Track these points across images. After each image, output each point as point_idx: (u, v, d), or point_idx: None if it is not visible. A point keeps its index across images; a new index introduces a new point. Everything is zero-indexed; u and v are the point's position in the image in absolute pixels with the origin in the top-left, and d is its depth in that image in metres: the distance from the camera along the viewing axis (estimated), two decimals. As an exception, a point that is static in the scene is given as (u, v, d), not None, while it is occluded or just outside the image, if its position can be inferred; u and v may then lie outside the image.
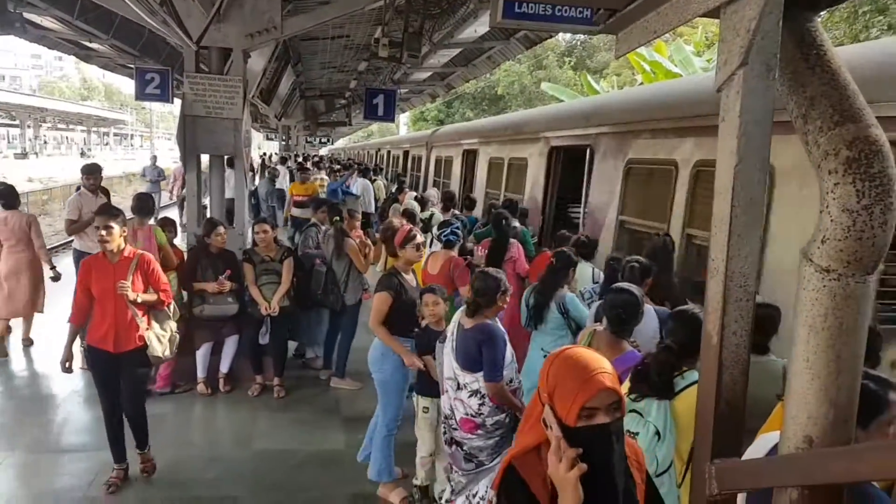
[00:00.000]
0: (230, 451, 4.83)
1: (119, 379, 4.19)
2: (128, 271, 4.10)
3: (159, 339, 4.29)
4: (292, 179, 15.29)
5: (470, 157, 11.64)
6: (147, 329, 4.20)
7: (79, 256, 6.42)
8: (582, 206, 6.75)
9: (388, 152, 24.61)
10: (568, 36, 41.69)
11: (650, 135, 5.47)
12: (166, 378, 5.70)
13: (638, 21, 1.83)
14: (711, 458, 1.54)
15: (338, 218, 6.02)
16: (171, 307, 4.46)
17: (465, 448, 3.43)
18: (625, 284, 3.50)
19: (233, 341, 5.88)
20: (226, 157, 6.97)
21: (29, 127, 51.70)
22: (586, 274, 5.22)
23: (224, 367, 5.86)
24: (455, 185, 12.16)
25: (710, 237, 1.56)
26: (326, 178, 15.41)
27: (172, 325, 4.44)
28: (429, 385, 3.99)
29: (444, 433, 3.63)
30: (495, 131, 10.52)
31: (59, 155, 52.69)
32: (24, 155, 45.72)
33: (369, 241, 6.30)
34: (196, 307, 5.64)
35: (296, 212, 11.47)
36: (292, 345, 6.48)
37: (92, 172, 6.84)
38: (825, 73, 1.45)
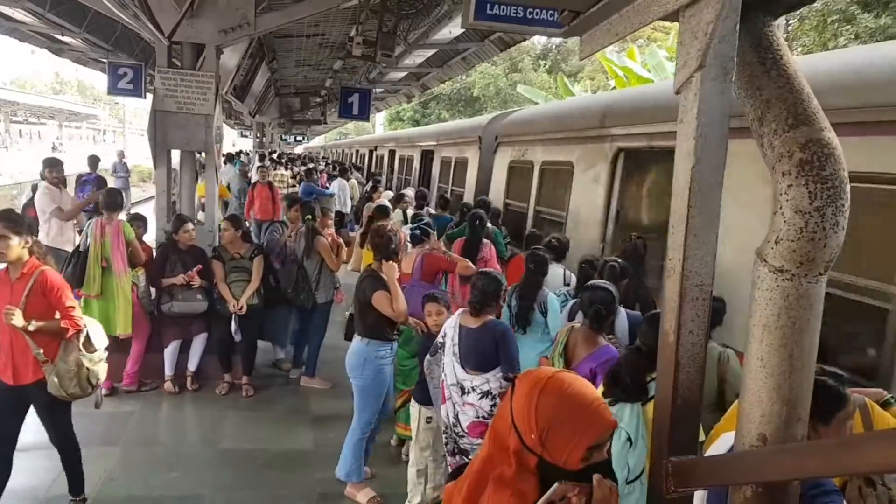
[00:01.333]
0: (197, 450, 4.78)
1: (19, 415, 3.60)
2: (22, 292, 3.38)
3: (61, 375, 3.47)
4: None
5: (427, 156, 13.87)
6: (46, 362, 3.46)
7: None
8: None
9: (371, 151, 23.39)
10: (543, 39, 41.99)
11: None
12: (133, 376, 5.62)
13: (601, 23, 1.85)
14: (668, 455, 1.56)
15: (309, 217, 5.97)
16: (83, 336, 3.61)
17: (471, 456, 3.32)
18: (601, 281, 3.57)
19: (201, 339, 5.81)
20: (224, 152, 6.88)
21: (0, 120, 50.61)
22: (557, 275, 5.24)
23: (192, 365, 5.79)
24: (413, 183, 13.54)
25: (668, 237, 1.58)
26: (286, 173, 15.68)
27: (87, 359, 3.59)
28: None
29: (447, 444, 3.56)
30: (445, 134, 12.70)
31: (30, 148, 51.50)
32: (-8, 147, 44.72)
33: (341, 241, 6.26)
34: (165, 304, 5.57)
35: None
36: (268, 351, 6.43)
37: (54, 165, 6.75)
38: (781, 76, 1.48)
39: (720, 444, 2.03)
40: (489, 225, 6.39)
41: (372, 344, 4.09)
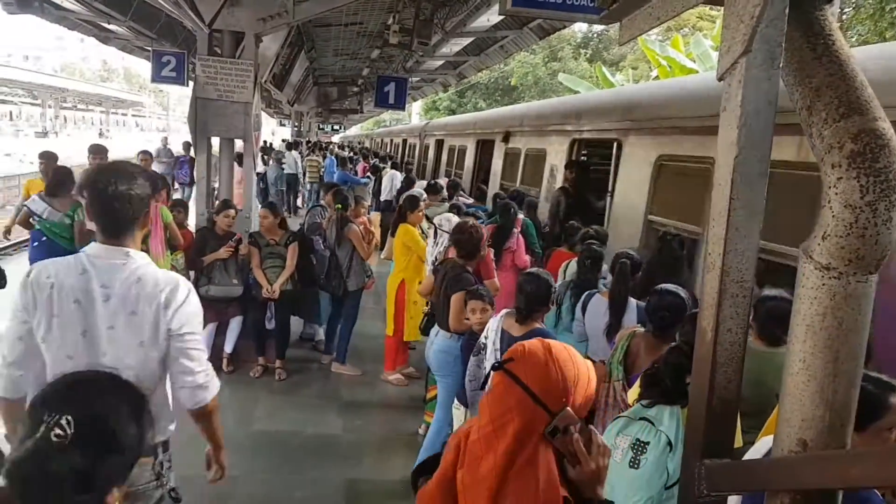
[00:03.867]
0: (230, 431, 4.78)
1: None
2: None
3: None
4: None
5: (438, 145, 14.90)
6: None
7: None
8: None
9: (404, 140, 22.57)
10: (584, 27, 41.40)
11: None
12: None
13: (642, 7, 1.78)
14: (702, 457, 1.50)
15: (340, 205, 5.99)
16: None
17: None
18: (670, 286, 3.29)
19: (237, 322, 5.91)
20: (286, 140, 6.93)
21: (50, 107, 52.16)
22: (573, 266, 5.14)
23: (228, 348, 5.89)
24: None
25: (709, 231, 1.52)
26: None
27: None
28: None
29: None
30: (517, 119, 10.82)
31: (78, 135, 53.05)
32: (44, 134, 46.13)
33: (373, 229, 6.28)
34: (202, 287, 5.65)
35: None
36: (298, 328, 6.50)
37: (98, 152, 6.77)
38: (832, 63, 1.40)
39: (758, 448, 1.95)
40: (521, 216, 6.31)
41: (461, 339, 4.03)
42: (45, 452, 1.04)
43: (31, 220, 5.62)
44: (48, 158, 6.47)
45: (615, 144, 6.19)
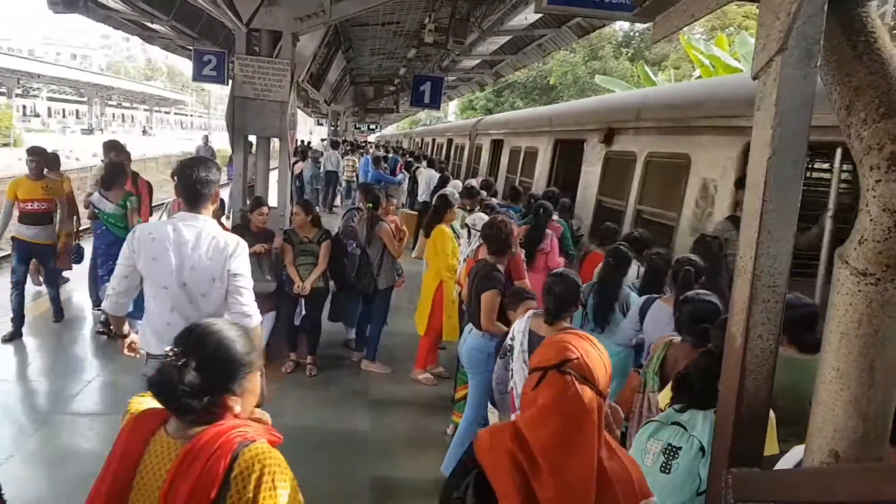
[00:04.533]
0: (260, 425, 4.91)
1: None
2: None
3: None
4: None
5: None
6: None
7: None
8: None
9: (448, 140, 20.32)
10: (626, 26, 40.91)
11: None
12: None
13: (675, 4, 1.74)
14: (729, 465, 1.46)
15: (370, 204, 6.02)
16: None
17: None
18: (702, 292, 3.21)
19: (270, 318, 5.96)
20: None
21: (96, 104, 53.70)
22: (632, 271, 5.07)
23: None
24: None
25: (740, 233, 1.48)
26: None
27: None
28: None
29: None
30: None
31: (122, 132, 54.48)
32: (90, 131, 47.54)
33: (405, 227, 6.30)
34: (235, 284, 5.74)
35: (23, 232, 6.32)
36: (335, 333, 6.55)
37: (38, 154, 6.51)
38: (873, 62, 1.34)
39: (789, 457, 1.89)
40: (556, 218, 6.26)
41: (496, 338, 4.00)
42: (168, 372, 1.54)
43: (95, 212, 6.47)
44: (38, 155, 6.45)
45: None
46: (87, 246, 7.22)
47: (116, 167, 6.51)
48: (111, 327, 5.06)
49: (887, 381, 1.29)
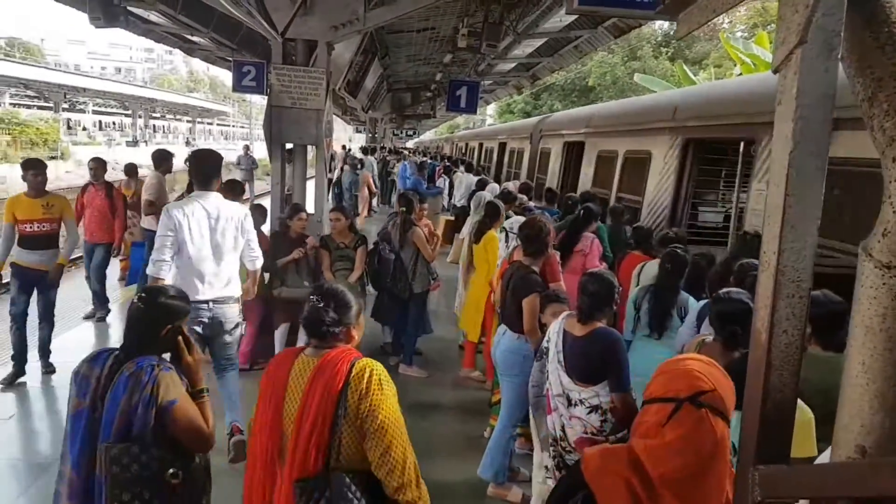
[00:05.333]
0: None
1: None
2: None
3: None
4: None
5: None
6: None
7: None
8: None
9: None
10: (665, 25, 40.33)
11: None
12: (246, 355, 5.95)
13: (697, 0, 1.74)
14: (756, 463, 1.45)
15: (404, 208, 6.08)
16: None
17: None
18: (735, 290, 3.15)
19: (307, 324, 6.06)
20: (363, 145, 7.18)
21: (140, 117, 55.33)
22: (652, 269, 5.00)
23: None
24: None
25: (763, 228, 1.47)
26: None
27: None
28: None
29: (553, 458, 3.31)
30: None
31: (166, 143, 56.06)
32: (134, 143, 48.98)
33: (438, 232, 6.35)
34: (275, 289, 5.88)
35: (23, 257, 5.72)
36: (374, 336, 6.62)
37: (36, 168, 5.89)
38: (896, 52, 1.33)
39: (824, 456, 1.86)
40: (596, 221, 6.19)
41: (531, 340, 4.03)
42: (316, 312, 2.21)
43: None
44: (37, 168, 5.82)
45: None
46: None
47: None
48: None
49: (915, 376, 1.27)
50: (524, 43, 11.50)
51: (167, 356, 2.48)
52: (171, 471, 2.22)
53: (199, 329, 4.12)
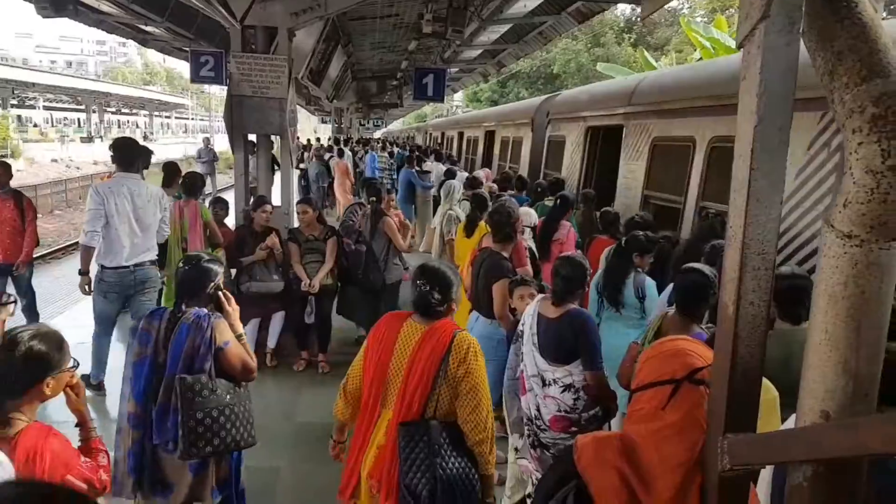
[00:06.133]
0: (275, 423, 4.95)
1: None
2: None
3: None
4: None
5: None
6: None
7: None
8: None
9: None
10: (627, 11, 40.65)
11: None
12: (215, 352, 5.86)
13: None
14: (724, 432, 1.49)
15: (374, 198, 6.03)
16: None
17: (551, 451, 3.23)
18: (695, 265, 3.25)
19: (279, 318, 6.01)
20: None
21: (94, 112, 53.76)
22: None
23: (271, 343, 6.00)
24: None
25: (729, 202, 1.49)
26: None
27: None
28: None
29: (528, 436, 3.40)
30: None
31: (123, 139, 54.43)
32: (89, 139, 47.57)
33: (408, 222, 6.31)
34: (243, 284, 5.78)
35: None
36: (346, 330, 6.57)
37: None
38: (855, 25, 1.35)
39: (787, 425, 1.91)
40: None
41: (503, 325, 4.07)
42: (425, 294, 2.64)
43: None
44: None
45: None
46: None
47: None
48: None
49: (874, 341, 1.31)
50: (489, 29, 11.45)
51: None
52: (227, 396, 2.78)
53: (121, 290, 4.92)
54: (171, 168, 6.97)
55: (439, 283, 2.62)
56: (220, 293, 2.96)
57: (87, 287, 4.85)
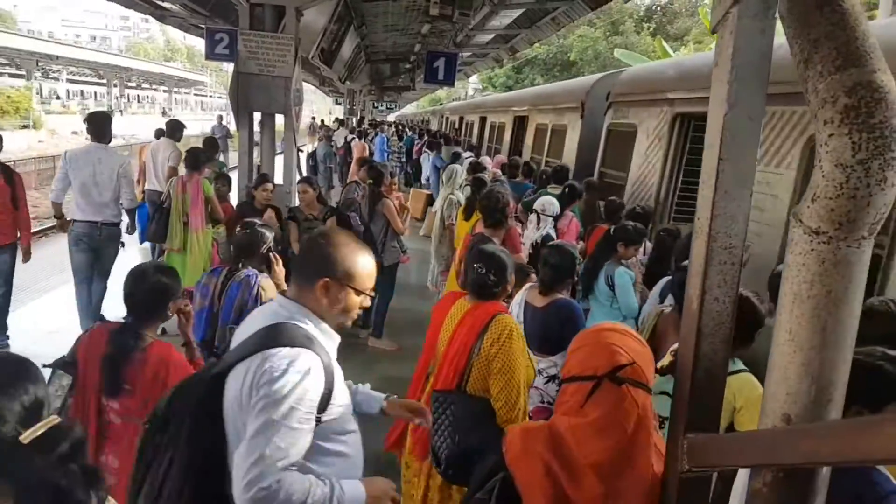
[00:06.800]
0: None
1: None
2: None
3: None
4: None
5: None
6: None
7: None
8: None
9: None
10: (647, 0, 40.11)
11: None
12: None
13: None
14: (685, 431, 1.44)
15: (371, 180, 5.99)
16: None
17: None
18: None
19: (279, 297, 5.99)
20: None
21: (115, 86, 54.05)
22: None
23: (267, 321, 5.99)
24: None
25: (698, 193, 1.44)
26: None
27: None
28: None
29: None
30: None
31: (142, 113, 54.92)
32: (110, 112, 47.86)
33: (407, 205, 6.27)
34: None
35: None
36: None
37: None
38: (834, 12, 1.28)
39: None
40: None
41: None
42: (482, 276, 2.83)
43: None
44: None
45: None
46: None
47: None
48: None
49: (840, 344, 1.25)
50: (501, 13, 11.33)
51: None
52: None
53: (89, 242, 5.55)
54: (174, 124, 7.96)
55: (496, 265, 2.81)
56: (270, 255, 3.41)
57: (62, 228, 5.75)
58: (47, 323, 6.12)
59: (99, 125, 5.58)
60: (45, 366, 2.18)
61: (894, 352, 1.82)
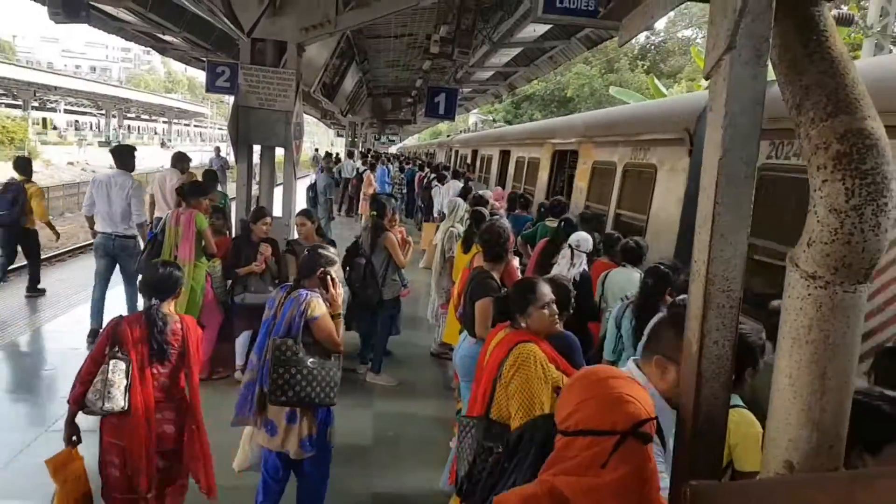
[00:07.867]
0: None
1: None
2: None
3: None
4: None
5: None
6: None
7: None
8: None
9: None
10: (642, 38, 40.83)
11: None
12: (204, 364, 5.78)
13: (637, 7, 1.72)
14: (689, 477, 1.42)
15: (374, 213, 6.00)
16: None
17: None
18: (685, 296, 3.14)
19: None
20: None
21: (114, 117, 54.47)
22: (634, 280, 4.93)
23: (264, 355, 5.94)
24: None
25: (694, 238, 1.44)
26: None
27: None
28: None
29: None
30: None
31: (141, 144, 55.32)
32: (107, 143, 48.15)
33: (410, 238, 6.24)
34: (238, 295, 5.73)
35: None
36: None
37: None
38: (824, 60, 1.31)
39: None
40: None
41: None
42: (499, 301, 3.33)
43: None
44: None
45: None
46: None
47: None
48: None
49: (840, 389, 1.24)
50: (500, 52, 11.51)
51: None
52: (310, 360, 3.30)
53: (105, 251, 6.69)
54: (180, 156, 8.57)
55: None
56: (327, 277, 3.54)
57: (93, 236, 6.98)
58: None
59: (122, 155, 6.75)
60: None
61: (892, 392, 1.81)
